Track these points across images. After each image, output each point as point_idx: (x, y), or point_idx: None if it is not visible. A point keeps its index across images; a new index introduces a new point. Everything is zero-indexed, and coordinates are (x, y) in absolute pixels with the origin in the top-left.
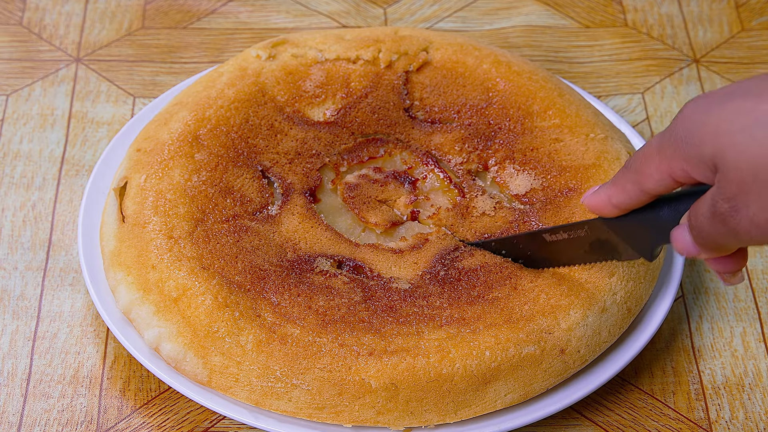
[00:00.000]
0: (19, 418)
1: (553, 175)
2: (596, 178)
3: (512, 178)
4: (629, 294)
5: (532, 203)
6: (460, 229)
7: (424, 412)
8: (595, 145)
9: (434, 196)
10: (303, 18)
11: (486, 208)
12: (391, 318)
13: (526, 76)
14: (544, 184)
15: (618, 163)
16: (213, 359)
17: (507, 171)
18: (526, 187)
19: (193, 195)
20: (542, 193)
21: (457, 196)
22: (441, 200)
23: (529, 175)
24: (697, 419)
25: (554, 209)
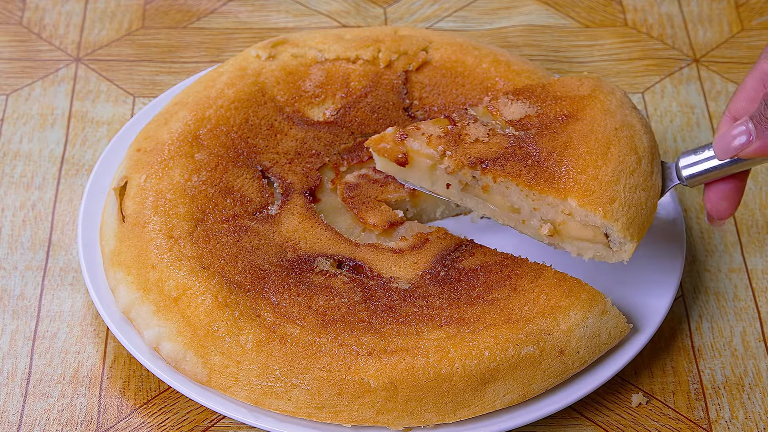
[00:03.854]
0: (18, 417)
1: (548, 103)
2: (593, 106)
3: (506, 107)
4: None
5: (527, 129)
6: (455, 154)
7: (423, 412)
8: (590, 81)
9: (425, 126)
10: (303, 18)
11: (479, 135)
12: (391, 318)
13: (525, 75)
14: (539, 111)
15: (613, 97)
16: (213, 359)
17: (500, 101)
18: (520, 113)
19: (193, 195)
20: (537, 120)
21: (448, 125)
22: (432, 129)
23: (523, 104)
24: (697, 419)
25: (551, 135)
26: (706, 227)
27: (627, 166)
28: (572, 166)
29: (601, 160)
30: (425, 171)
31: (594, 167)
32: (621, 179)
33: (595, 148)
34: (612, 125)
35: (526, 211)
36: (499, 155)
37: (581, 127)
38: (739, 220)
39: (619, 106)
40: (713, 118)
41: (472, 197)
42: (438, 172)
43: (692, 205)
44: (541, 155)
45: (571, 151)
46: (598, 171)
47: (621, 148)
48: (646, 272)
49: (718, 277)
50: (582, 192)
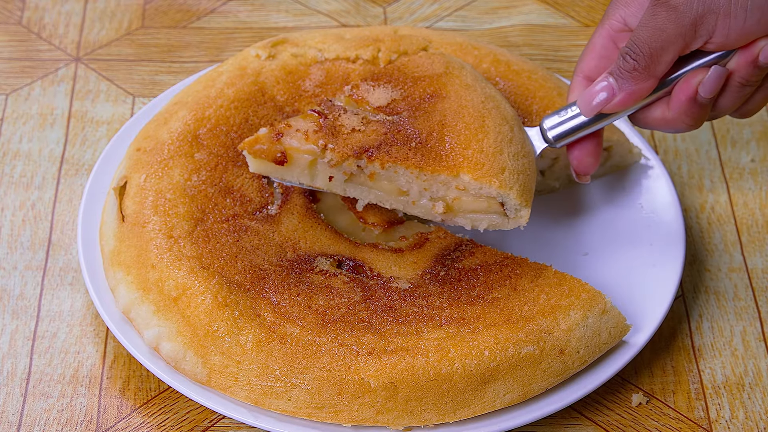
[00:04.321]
0: (18, 417)
1: (409, 85)
2: (452, 83)
3: (370, 93)
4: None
5: (398, 113)
6: (337, 146)
7: (423, 412)
8: (439, 58)
9: (295, 122)
10: (303, 17)
11: (354, 124)
12: (391, 318)
13: (525, 75)
14: (404, 94)
15: (465, 71)
16: (212, 358)
17: (362, 88)
18: (386, 98)
19: (192, 194)
20: (405, 103)
21: (318, 118)
22: (305, 124)
23: (385, 88)
24: (697, 419)
25: (424, 115)
26: (706, 227)
27: (505, 135)
28: (455, 142)
29: (480, 133)
30: (305, 167)
31: (476, 141)
32: (504, 149)
33: (471, 123)
34: (478, 98)
35: (414, 192)
36: (380, 142)
37: (450, 104)
38: (739, 219)
39: (475, 79)
40: None
41: (356, 186)
42: (319, 166)
43: (692, 205)
44: (422, 136)
45: (449, 128)
46: (482, 144)
47: (494, 119)
48: (646, 272)
49: (718, 277)
50: (473, 166)
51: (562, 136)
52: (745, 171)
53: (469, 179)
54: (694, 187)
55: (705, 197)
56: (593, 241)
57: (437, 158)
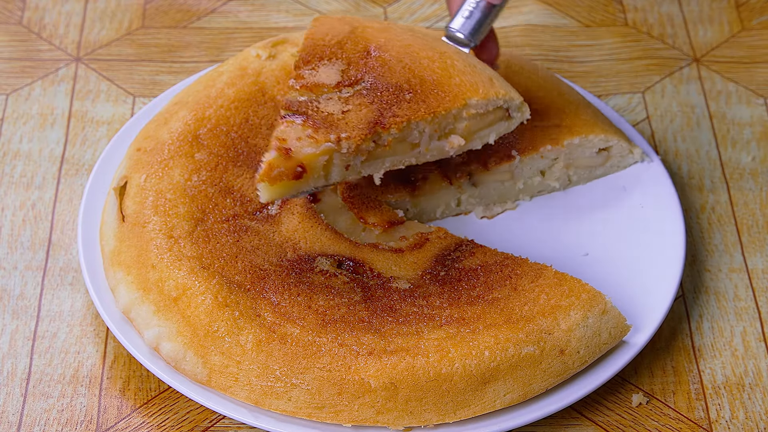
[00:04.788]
0: (18, 417)
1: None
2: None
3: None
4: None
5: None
6: (349, 132)
7: (423, 412)
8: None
9: (286, 133)
10: (303, 17)
11: (339, 107)
12: (391, 318)
13: (525, 75)
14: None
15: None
16: (213, 359)
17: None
18: (335, 74)
19: (193, 195)
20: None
21: (300, 119)
22: (296, 131)
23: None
24: (697, 419)
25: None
26: (707, 227)
27: (457, 53)
28: (437, 77)
29: (446, 60)
30: (320, 169)
31: (450, 68)
32: (471, 62)
33: (431, 56)
34: (405, 34)
35: (425, 140)
36: (377, 110)
37: (393, 51)
38: (739, 220)
39: (381, 21)
40: (713, 117)
41: (372, 163)
42: (335, 161)
43: (692, 205)
44: (404, 87)
45: (419, 68)
46: (455, 69)
47: (438, 43)
48: (646, 272)
49: (718, 277)
50: (471, 88)
51: (475, 31)
52: (745, 171)
53: (477, 100)
54: (694, 187)
55: (705, 197)
56: (593, 241)
57: (438, 97)
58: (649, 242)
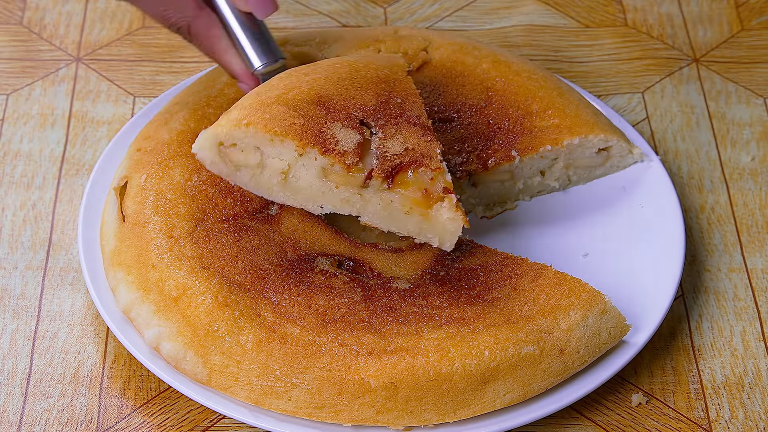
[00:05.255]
0: (19, 417)
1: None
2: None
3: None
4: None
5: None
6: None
7: (423, 412)
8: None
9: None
10: (303, 17)
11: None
12: (391, 318)
13: (525, 75)
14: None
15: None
16: (213, 358)
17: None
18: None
19: (193, 194)
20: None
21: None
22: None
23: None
24: (697, 419)
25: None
26: (706, 227)
27: None
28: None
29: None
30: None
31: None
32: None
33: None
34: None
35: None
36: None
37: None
38: (739, 220)
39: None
40: (713, 118)
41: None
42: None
43: (692, 206)
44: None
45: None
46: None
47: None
48: (646, 272)
49: (718, 277)
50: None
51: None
52: (745, 171)
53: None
54: (694, 187)
55: (705, 197)
56: (593, 241)
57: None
58: (649, 242)
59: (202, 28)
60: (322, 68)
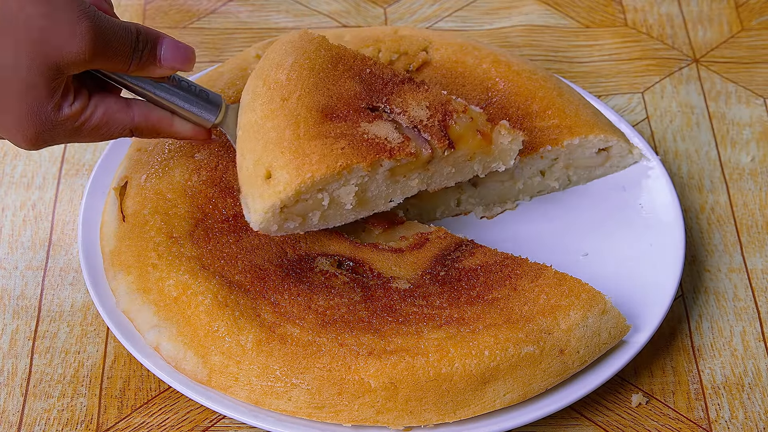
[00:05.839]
0: (19, 417)
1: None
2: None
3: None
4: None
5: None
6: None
7: (423, 412)
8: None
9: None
10: (303, 18)
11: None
12: (391, 318)
13: (525, 75)
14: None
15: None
16: (213, 358)
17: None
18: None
19: (193, 194)
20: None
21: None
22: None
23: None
24: (697, 419)
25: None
26: (706, 228)
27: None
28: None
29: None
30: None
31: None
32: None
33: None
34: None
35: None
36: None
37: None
38: (739, 220)
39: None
40: (713, 118)
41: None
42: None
43: (692, 206)
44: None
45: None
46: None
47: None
48: (646, 272)
49: (718, 277)
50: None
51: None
52: (745, 171)
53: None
54: (694, 187)
55: (705, 198)
56: (593, 241)
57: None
58: (649, 242)
59: (142, 121)
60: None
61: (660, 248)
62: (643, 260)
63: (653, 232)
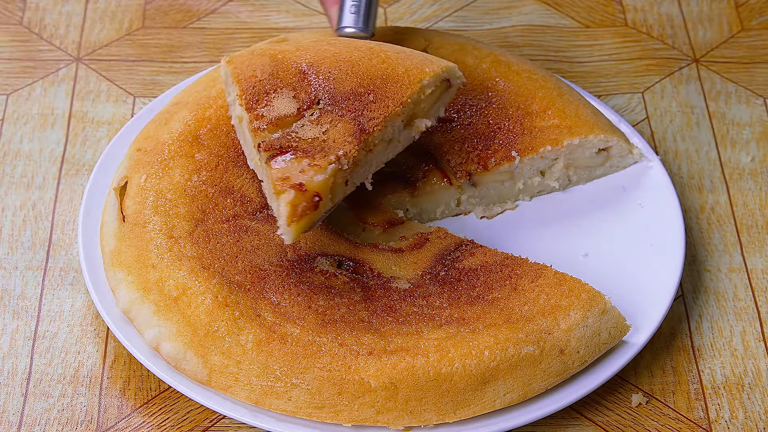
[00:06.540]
0: (19, 417)
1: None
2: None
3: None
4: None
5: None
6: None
7: (423, 412)
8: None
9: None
10: (303, 17)
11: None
12: (391, 318)
13: (525, 75)
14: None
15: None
16: (213, 358)
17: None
18: (289, 100)
19: (193, 195)
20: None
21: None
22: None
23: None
24: (697, 419)
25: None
26: (706, 227)
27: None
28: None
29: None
30: (329, 193)
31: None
32: (401, 50)
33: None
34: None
35: (397, 132)
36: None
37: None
38: (739, 220)
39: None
40: (713, 118)
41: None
42: (337, 179)
43: (692, 206)
44: (360, 92)
45: (362, 72)
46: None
47: (356, 44)
48: (646, 272)
49: (718, 277)
50: (419, 71)
51: (367, 21)
52: (745, 171)
53: (429, 80)
54: (694, 187)
55: (705, 198)
56: (593, 241)
57: (396, 89)
58: (649, 242)
59: None
60: (343, 45)
61: (660, 248)
62: (643, 260)
63: (653, 232)
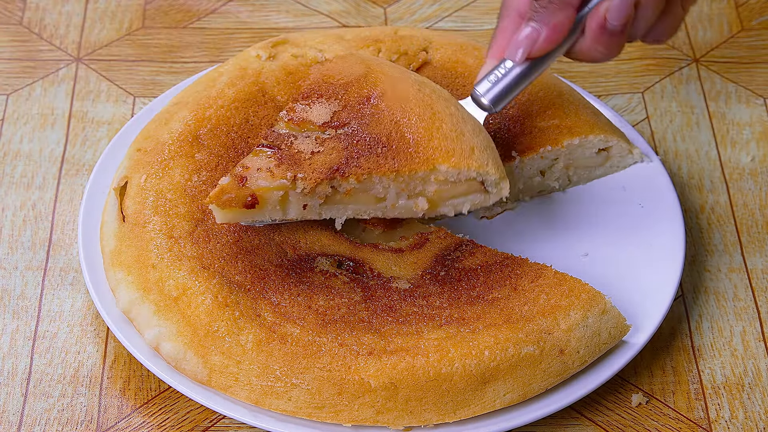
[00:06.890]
0: (19, 417)
1: (341, 94)
2: (381, 80)
3: (308, 113)
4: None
5: (347, 123)
6: (306, 174)
7: (423, 412)
8: (351, 58)
9: (251, 161)
10: (303, 18)
11: (311, 148)
12: (391, 318)
13: None
14: (341, 104)
15: (384, 65)
16: (213, 358)
17: (298, 110)
18: (327, 113)
19: (193, 195)
20: (346, 112)
21: (274, 152)
22: (262, 162)
23: (321, 104)
24: (697, 419)
25: (373, 118)
26: (706, 227)
27: (456, 116)
28: (417, 136)
29: (436, 121)
30: (276, 203)
31: (436, 129)
32: (462, 129)
33: (423, 113)
34: (413, 87)
35: (392, 196)
36: (345, 157)
37: (391, 101)
38: (739, 220)
39: (399, 70)
40: (713, 118)
41: (332, 207)
42: (291, 198)
43: (692, 206)
44: (383, 139)
45: (404, 125)
46: (442, 130)
47: (440, 103)
48: (646, 272)
49: (718, 277)
50: (444, 154)
51: (499, 98)
52: (745, 171)
53: (447, 168)
54: (694, 187)
55: (705, 197)
56: (593, 241)
57: (408, 157)
58: (649, 242)
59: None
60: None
61: (660, 248)
62: (643, 260)
63: (653, 232)
